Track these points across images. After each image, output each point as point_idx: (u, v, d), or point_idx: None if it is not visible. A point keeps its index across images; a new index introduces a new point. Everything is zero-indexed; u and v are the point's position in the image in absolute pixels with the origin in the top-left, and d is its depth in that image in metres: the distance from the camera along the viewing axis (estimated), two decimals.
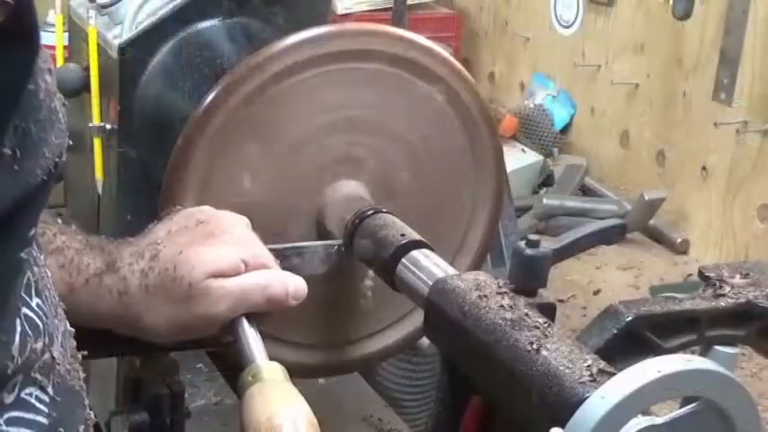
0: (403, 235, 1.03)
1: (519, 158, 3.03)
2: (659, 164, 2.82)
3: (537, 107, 3.17)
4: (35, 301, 0.60)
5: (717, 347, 0.90)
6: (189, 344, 0.98)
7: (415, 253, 1.01)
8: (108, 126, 1.35)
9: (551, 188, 2.99)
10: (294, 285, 0.93)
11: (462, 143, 1.18)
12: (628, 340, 0.87)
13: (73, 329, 0.67)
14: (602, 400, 0.68)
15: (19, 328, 0.57)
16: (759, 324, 0.92)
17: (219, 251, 0.91)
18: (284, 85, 1.07)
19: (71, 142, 0.59)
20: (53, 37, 1.67)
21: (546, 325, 0.82)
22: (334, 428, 1.45)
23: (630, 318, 0.87)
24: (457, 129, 1.17)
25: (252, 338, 0.89)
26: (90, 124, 1.37)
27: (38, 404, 0.60)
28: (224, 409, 1.48)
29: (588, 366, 0.76)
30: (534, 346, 0.79)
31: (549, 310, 0.87)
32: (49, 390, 0.61)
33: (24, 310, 0.58)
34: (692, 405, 0.71)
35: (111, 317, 0.91)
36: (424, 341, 1.21)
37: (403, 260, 1.01)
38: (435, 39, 1.23)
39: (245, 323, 0.90)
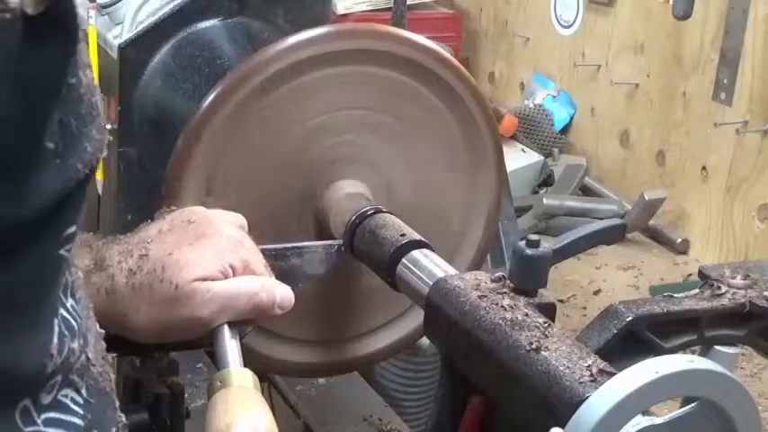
0: (403, 235, 1.03)
1: (519, 158, 3.03)
2: (659, 164, 2.82)
3: (537, 107, 3.17)
4: (69, 302, 0.59)
5: (717, 347, 0.90)
6: (189, 344, 0.97)
7: (415, 253, 1.01)
8: (108, 126, 1.35)
9: (551, 188, 2.98)
10: (281, 294, 0.92)
11: (462, 143, 1.18)
12: (628, 340, 0.87)
13: (103, 331, 0.67)
14: (602, 400, 0.68)
15: (57, 329, 0.57)
16: (759, 324, 0.92)
17: (208, 254, 0.90)
18: (285, 85, 1.07)
19: (111, 138, 0.59)
20: None
21: (546, 325, 0.82)
22: (335, 428, 1.45)
23: (630, 318, 0.87)
24: (456, 129, 1.17)
25: (230, 346, 0.88)
26: None
27: (73, 405, 0.59)
28: None
29: (588, 366, 0.76)
30: (534, 346, 0.79)
31: (549, 310, 0.87)
32: (83, 392, 0.61)
33: (61, 310, 0.58)
34: (692, 405, 0.71)
35: (98, 315, 0.91)
36: (424, 341, 1.21)
37: (403, 260, 1.01)
38: (435, 39, 1.23)
39: (226, 331, 0.89)
